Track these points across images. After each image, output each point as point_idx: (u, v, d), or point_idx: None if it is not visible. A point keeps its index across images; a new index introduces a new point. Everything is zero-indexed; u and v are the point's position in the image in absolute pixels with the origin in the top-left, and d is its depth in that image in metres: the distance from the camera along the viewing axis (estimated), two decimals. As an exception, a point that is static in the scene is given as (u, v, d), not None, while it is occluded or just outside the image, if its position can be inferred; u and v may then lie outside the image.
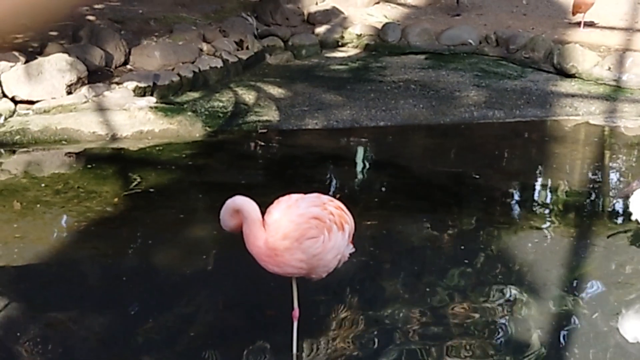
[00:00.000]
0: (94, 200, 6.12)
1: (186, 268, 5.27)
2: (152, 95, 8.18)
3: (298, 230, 4.01)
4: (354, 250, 4.38)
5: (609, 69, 9.51)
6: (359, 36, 10.95)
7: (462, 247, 5.64)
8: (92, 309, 4.70)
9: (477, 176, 6.97)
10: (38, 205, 6.01)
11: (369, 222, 5.87)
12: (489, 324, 4.70)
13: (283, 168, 7.19)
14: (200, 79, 8.84)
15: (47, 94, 7.66)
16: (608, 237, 5.77)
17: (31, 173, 6.67)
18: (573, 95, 9.12)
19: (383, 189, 6.92)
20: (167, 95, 8.34)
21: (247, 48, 9.93)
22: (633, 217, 5.54)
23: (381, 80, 9.38)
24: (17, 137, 7.24)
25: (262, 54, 10.10)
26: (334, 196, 4.56)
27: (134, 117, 7.64)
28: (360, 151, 7.90)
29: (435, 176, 7.07)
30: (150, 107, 7.82)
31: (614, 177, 7.28)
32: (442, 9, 12.39)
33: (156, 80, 8.36)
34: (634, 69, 9.40)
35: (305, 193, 4.24)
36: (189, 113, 7.97)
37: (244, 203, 4.01)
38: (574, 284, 5.18)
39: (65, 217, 5.91)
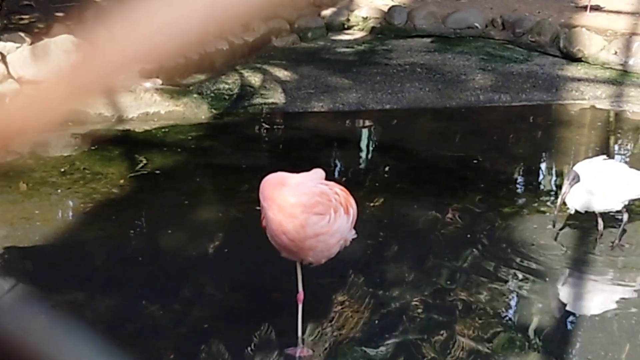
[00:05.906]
0: (99, 182, 6.13)
1: (192, 250, 5.28)
2: (158, 77, 8.17)
3: (309, 202, 3.95)
4: (355, 235, 4.34)
5: (616, 53, 9.47)
6: (365, 19, 10.90)
7: (467, 230, 5.65)
8: (98, 291, 4.72)
9: (476, 160, 6.94)
10: (44, 187, 6.03)
11: (374, 205, 5.88)
12: (493, 307, 4.71)
13: (288, 150, 7.19)
14: (206, 61, 8.82)
15: (53, 75, 7.64)
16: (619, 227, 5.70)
17: (37, 154, 6.68)
18: (579, 80, 9.08)
19: (388, 172, 6.91)
20: (173, 77, 8.33)
21: (253, 30, 9.91)
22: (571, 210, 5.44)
23: (387, 63, 9.35)
24: (23, 118, 7.23)
25: (267, 37, 10.07)
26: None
27: (140, 99, 7.63)
28: (365, 134, 7.90)
29: (441, 160, 7.06)
30: (156, 89, 7.81)
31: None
32: (449, -8, 12.33)
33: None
34: (641, 54, 9.37)
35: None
36: (195, 95, 7.96)
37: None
38: (580, 267, 5.19)
39: (71, 198, 5.92)
